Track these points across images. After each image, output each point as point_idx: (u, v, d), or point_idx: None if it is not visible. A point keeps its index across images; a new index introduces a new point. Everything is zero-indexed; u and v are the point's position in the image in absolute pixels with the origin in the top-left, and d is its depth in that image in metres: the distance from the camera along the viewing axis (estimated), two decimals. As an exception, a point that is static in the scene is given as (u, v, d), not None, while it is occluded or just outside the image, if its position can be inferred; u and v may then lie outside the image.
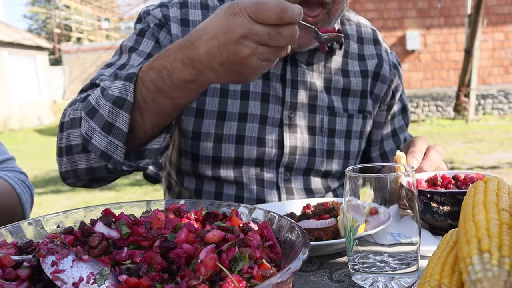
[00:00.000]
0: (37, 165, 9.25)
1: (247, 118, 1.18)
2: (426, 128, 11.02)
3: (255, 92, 1.18)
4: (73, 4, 28.60)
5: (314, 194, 1.24)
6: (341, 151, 1.25)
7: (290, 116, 1.20)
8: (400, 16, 12.12)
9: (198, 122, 1.18)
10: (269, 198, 1.20)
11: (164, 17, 1.18)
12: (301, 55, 1.21)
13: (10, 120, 16.90)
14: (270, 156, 1.20)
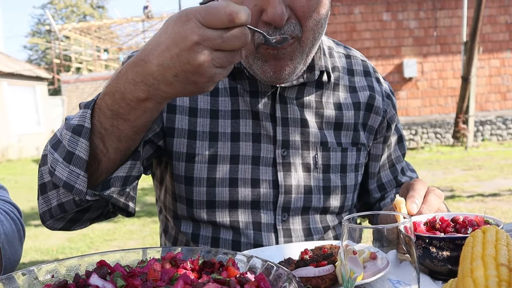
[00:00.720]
0: (34, 197, 9.17)
1: (239, 159, 1.16)
2: (426, 156, 11.02)
3: (245, 133, 1.16)
4: (73, 35, 28.90)
5: (312, 235, 1.21)
6: (338, 186, 1.23)
7: (283, 154, 1.18)
8: (397, 44, 12.25)
9: (189, 167, 1.16)
10: (266, 242, 1.17)
11: None
12: (289, 91, 1.19)
13: (8, 151, 16.89)
14: (266, 197, 1.17)
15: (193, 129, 1.15)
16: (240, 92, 1.17)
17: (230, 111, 1.16)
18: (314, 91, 1.21)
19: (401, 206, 1.00)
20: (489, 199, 6.31)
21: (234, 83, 1.17)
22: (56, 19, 38.20)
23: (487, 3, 11.34)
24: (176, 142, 1.15)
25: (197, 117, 1.15)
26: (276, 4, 0.98)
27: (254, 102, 1.17)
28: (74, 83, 25.16)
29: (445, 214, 1.00)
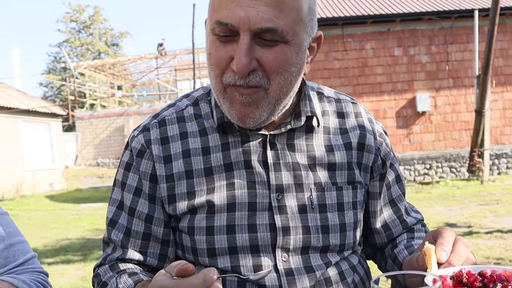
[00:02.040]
0: (47, 233, 9.20)
1: (236, 207, 1.19)
2: (441, 190, 10.89)
3: (240, 182, 1.20)
4: (87, 72, 29.44)
5: (315, 271, 1.20)
6: (336, 224, 1.23)
7: (278, 198, 1.20)
8: (409, 79, 12.28)
9: (192, 219, 1.22)
10: (269, 282, 1.18)
11: (146, 142, 1.25)
12: (279, 138, 1.23)
13: (22, 187, 17.02)
14: (264, 240, 1.19)
15: (191, 190, 1.21)
16: (232, 145, 1.22)
17: (223, 165, 1.21)
18: (304, 135, 1.25)
19: (431, 254, 0.98)
20: (509, 235, 6.18)
21: (225, 137, 1.23)
22: (71, 56, 39.02)
23: (498, 37, 11.38)
24: (178, 206, 1.22)
25: (193, 177, 1.22)
26: (241, 55, 1.04)
27: (246, 152, 1.22)
28: (88, 119, 25.50)
29: (472, 267, 0.95)
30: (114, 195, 1.30)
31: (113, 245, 1.27)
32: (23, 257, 1.12)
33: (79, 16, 41.92)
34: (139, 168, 1.25)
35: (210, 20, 1.09)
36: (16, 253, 1.11)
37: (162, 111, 1.31)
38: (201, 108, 1.28)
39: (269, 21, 1.04)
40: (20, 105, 18.04)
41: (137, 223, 1.25)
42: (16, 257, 1.10)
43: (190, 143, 1.22)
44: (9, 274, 1.07)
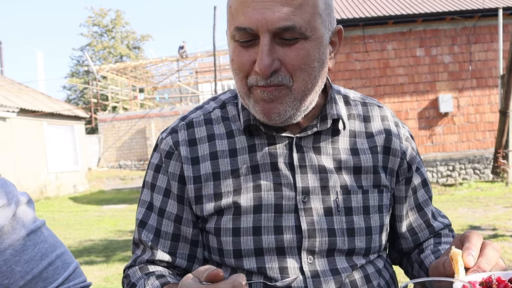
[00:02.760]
0: (70, 235, 9.32)
1: (262, 209, 1.21)
2: (464, 192, 10.74)
3: (266, 184, 1.22)
4: (110, 75, 29.75)
5: (340, 273, 1.21)
6: (362, 227, 1.23)
7: (303, 200, 1.21)
8: (432, 79, 12.15)
9: (218, 220, 1.23)
10: (295, 285, 1.18)
11: (174, 144, 1.28)
12: (305, 140, 1.24)
13: (46, 188, 17.27)
14: (290, 242, 1.20)
15: (218, 192, 1.23)
16: (258, 147, 1.24)
17: (250, 167, 1.23)
18: (329, 138, 1.26)
19: (458, 259, 0.96)
20: (535, 239, 6.06)
21: (251, 139, 1.24)
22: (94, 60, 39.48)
23: (524, 36, 11.18)
24: (205, 207, 1.23)
25: (220, 179, 1.23)
26: (263, 57, 1.07)
27: (272, 154, 1.23)
28: (110, 122, 25.75)
29: (502, 274, 0.93)
30: (143, 196, 1.32)
31: (143, 247, 1.28)
32: (63, 273, 1.06)
33: (101, 20, 42.38)
34: (168, 169, 1.27)
35: (229, 28, 1.11)
36: (56, 271, 1.04)
37: (189, 113, 1.33)
38: (228, 111, 1.30)
39: (286, 20, 1.05)
40: (44, 108, 18.32)
41: (167, 224, 1.27)
42: (56, 276, 1.04)
43: (217, 145, 1.24)
44: None
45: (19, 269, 0.98)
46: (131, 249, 1.34)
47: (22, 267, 0.98)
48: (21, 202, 1.05)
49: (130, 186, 19.42)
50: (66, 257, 1.08)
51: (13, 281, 0.97)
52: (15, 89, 19.65)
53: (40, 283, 1.00)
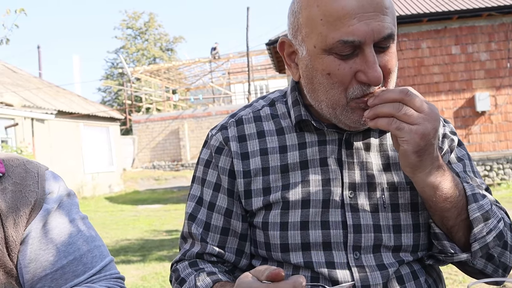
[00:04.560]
0: (107, 234, 9.49)
1: (310, 204, 1.22)
2: (503, 193, 10.51)
3: (315, 179, 1.23)
4: (143, 77, 30.18)
5: (387, 268, 1.21)
6: (409, 224, 1.23)
7: (350, 196, 1.23)
8: (468, 78, 11.92)
9: (266, 214, 1.25)
10: (342, 278, 1.19)
11: (224, 139, 1.31)
12: (355, 137, 1.25)
13: (83, 188, 17.64)
14: (336, 237, 1.22)
15: (267, 186, 1.25)
16: (308, 143, 1.26)
17: (299, 162, 1.25)
18: (377, 135, 1.28)
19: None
20: None
21: (302, 136, 1.27)
22: (127, 62, 40.08)
23: None
24: (254, 201, 1.26)
25: (269, 174, 1.26)
26: (375, 67, 1.07)
27: (322, 150, 1.25)
28: (144, 123, 26.12)
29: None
30: (193, 191, 1.35)
31: (191, 240, 1.31)
32: (100, 263, 1.12)
33: (135, 23, 43.05)
34: (218, 164, 1.30)
35: (324, 41, 1.08)
36: (94, 259, 1.11)
37: (239, 111, 1.36)
38: (277, 109, 1.33)
39: (387, 29, 1.07)
40: (81, 110, 18.72)
41: (217, 218, 1.29)
42: (94, 263, 1.11)
43: (267, 142, 1.26)
44: (87, 283, 1.08)
45: (63, 249, 1.07)
46: (179, 244, 1.36)
47: (66, 247, 1.07)
48: (69, 193, 1.16)
49: (164, 186, 19.67)
50: (103, 250, 1.16)
51: (57, 259, 1.06)
52: (53, 91, 20.15)
53: (80, 266, 1.08)
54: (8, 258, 1.02)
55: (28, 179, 1.07)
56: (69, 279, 1.06)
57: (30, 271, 1.03)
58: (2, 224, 1.01)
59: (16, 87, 17.61)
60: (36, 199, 1.05)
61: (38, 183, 1.07)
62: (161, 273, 6.04)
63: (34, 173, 1.09)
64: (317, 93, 1.16)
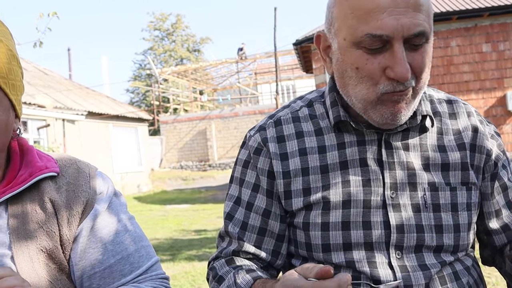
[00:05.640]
0: (138, 233, 9.58)
1: (351, 204, 1.22)
2: (535, 193, 10.27)
3: (355, 180, 1.23)
4: (171, 78, 30.43)
5: (429, 269, 1.21)
6: (450, 224, 1.23)
7: (392, 196, 1.22)
8: (499, 76, 11.70)
9: (307, 215, 1.25)
10: (384, 277, 1.19)
11: (262, 140, 1.31)
12: (394, 137, 1.25)
13: (113, 188, 17.85)
14: (378, 237, 1.21)
15: (307, 187, 1.25)
16: (347, 143, 1.26)
17: (339, 163, 1.24)
18: (417, 135, 1.27)
19: None
20: None
21: (340, 136, 1.26)
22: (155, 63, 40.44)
23: None
24: (294, 202, 1.26)
25: (309, 174, 1.25)
26: (403, 63, 1.06)
27: (361, 150, 1.24)
28: (172, 123, 26.34)
29: None
30: (231, 191, 1.36)
31: (228, 239, 1.32)
32: (147, 263, 1.14)
33: (162, 25, 43.42)
34: (257, 165, 1.30)
35: (353, 34, 1.09)
36: (141, 259, 1.13)
37: (277, 112, 1.36)
38: (315, 109, 1.32)
39: (419, 26, 1.06)
40: (110, 110, 18.99)
41: (254, 218, 1.30)
42: (141, 263, 1.13)
43: (306, 142, 1.26)
44: (133, 283, 1.10)
45: (111, 248, 1.09)
46: (216, 243, 1.38)
47: (114, 247, 1.10)
48: (116, 193, 1.19)
49: (191, 186, 19.80)
50: (150, 250, 1.17)
51: (106, 257, 1.08)
52: (83, 93, 20.49)
53: (127, 266, 1.10)
54: (62, 255, 1.06)
55: (80, 179, 1.10)
56: (117, 278, 1.09)
57: (80, 268, 1.06)
58: (57, 222, 1.05)
59: (48, 89, 17.96)
60: (88, 199, 1.08)
61: (90, 183, 1.11)
62: (191, 272, 6.11)
63: (86, 173, 1.12)
64: (347, 88, 1.17)
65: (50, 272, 1.03)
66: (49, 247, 1.03)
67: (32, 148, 1.12)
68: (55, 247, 1.04)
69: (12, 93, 1.01)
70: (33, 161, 1.08)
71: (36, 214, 1.04)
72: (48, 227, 1.04)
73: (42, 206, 1.05)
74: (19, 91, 1.05)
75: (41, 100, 15.67)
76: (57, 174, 1.09)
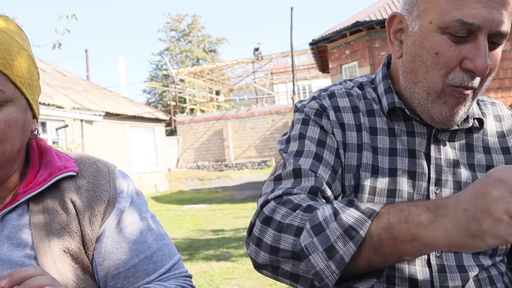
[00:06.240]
0: (155, 233, 9.63)
1: (396, 194, 1.20)
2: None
3: (402, 169, 1.21)
4: (187, 78, 30.58)
5: (467, 271, 1.18)
6: None
7: (436, 192, 1.21)
8: (520, 74, 11.54)
9: (354, 196, 1.20)
10: (421, 276, 1.17)
11: (321, 106, 1.25)
12: (443, 134, 1.23)
13: (130, 188, 17.98)
14: None
15: (359, 163, 1.21)
16: (397, 132, 1.23)
17: (388, 148, 1.22)
18: (464, 136, 1.26)
19: None
20: None
21: (391, 123, 1.24)
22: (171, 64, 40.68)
23: None
24: (347, 177, 1.21)
25: (362, 151, 1.22)
26: (485, 56, 1.04)
27: (410, 141, 1.23)
28: (188, 124, 26.46)
29: None
30: (290, 148, 1.22)
31: (294, 179, 1.13)
32: (170, 261, 1.13)
33: (178, 25, 43.66)
34: (319, 123, 1.23)
35: (442, 18, 1.06)
36: (164, 258, 1.12)
37: (329, 87, 1.32)
38: (366, 92, 1.29)
39: (504, 25, 1.05)
40: (127, 111, 19.13)
41: (328, 156, 1.18)
42: (164, 262, 1.11)
43: (361, 118, 1.23)
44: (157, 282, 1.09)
45: (135, 248, 1.08)
46: (265, 188, 1.16)
47: (137, 246, 1.09)
48: (137, 191, 1.18)
49: (208, 186, 19.86)
50: (172, 248, 1.16)
51: (129, 257, 1.07)
52: (100, 93, 20.67)
53: (151, 265, 1.09)
54: (85, 256, 1.05)
55: (100, 178, 1.10)
56: (140, 278, 1.08)
57: (104, 268, 1.06)
58: (79, 222, 1.04)
59: (66, 90, 18.15)
60: (109, 198, 1.08)
61: (110, 182, 1.10)
62: (209, 272, 6.11)
63: (106, 172, 1.12)
64: (416, 73, 1.13)
65: (73, 272, 1.03)
66: (71, 248, 1.03)
67: (51, 148, 1.11)
68: (77, 248, 1.03)
69: (28, 93, 1.00)
70: (52, 161, 1.07)
71: (57, 215, 1.03)
72: (70, 228, 1.03)
73: (63, 207, 1.04)
74: (35, 91, 1.04)
75: (60, 101, 15.83)
76: (76, 174, 1.08)
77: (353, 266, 0.93)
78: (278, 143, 1.29)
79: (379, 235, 0.89)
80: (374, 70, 12.28)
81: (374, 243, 0.90)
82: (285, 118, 24.37)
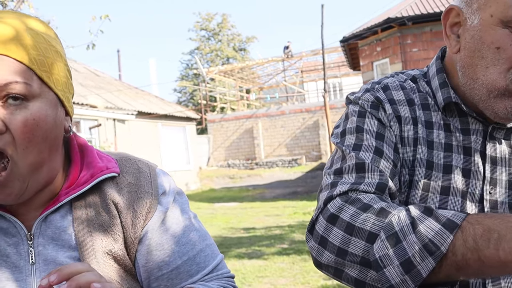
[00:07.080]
0: (187, 231, 9.71)
1: (450, 191, 1.16)
2: None
3: (456, 166, 1.17)
4: (217, 77, 30.72)
5: None
6: None
7: (490, 191, 1.17)
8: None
9: (407, 192, 1.17)
10: (473, 279, 1.12)
11: (376, 98, 1.21)
12: (498, 132, 1.19)
13: (162, 187, 18.17)
14: None
15: (414, 158, 1.17)
16: (452, 128, 1.19)
17: (444, 144, 1.18)
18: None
19: None
20: None
21: (446, 119, 1.20)
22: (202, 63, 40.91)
23: None
24: (402, 171, 1.16)
25: (418, 145, 1.17)
26: None
27: (465, 138, 1.18)
28: (219, 122, 26.58)
29: None
30: (346, 142, 1.17)
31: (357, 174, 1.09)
32: (212, 262, 1.11)
33: (208, 24, 43.84)
34: (376, 115, 1.19)
35: (505, 11, 1.02)
36: (206, 259, 1.10)
37: (381, 79, 1.28)
38: (420, 86, 1.25)
39: None
40: (158, 110, 19.34)
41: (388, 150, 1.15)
42: (207, 263, 1.10)
43: (416, 111, 1.19)
44: (200, 282, 1.08)
45: (177, 249, 1.07)
46: (325, 183, 1.12)
47: (180, 247, 1.07)
48: (178, 191, 1.16)
49: (239, 184, 19.92)
50: (214, 249, 1.15)
51: (173, 259, 1.06)
52: (132, 93, 20.94)
53: (194, 266, 1.08)
54: (128, 257, 1.05)
55: (142, 179, 1.08)
56: (184, 279, 1.07)
57: (147, 270, 1.05)
58: (121, 224, 1.04)
59: (99, 90, 18.44)
60: (151, 200, 1.06)
61: (151, 183, 1.09)
62: (241, 270, 6.12)
63: (147, 173, 1.10)
64: (474, 68, 1.09)
65: (116, 273, 1.03)
66: (114, 249, 1.03)
67: (92, 148, 1.11)
68: (120, 250, 1.03)
69: (57, 88, 0.98)
70: (94, 161, 1.07)
71: (100, 217, 1.03)
72: (112, 230, 1.03)
73: (105, 208, 1.04)
74: (65, 88, 1.02)
75: (93, 101, 16.10)
76: (118, 174, 1.07)
77: (430, 279, 0.90)
78: (332, 136, 1.24)
79: (464, 254, 0.85)
80: (406, 67, 12.10)
81: (457, 262, 0.86)
82: (316, 116, 24.24)
